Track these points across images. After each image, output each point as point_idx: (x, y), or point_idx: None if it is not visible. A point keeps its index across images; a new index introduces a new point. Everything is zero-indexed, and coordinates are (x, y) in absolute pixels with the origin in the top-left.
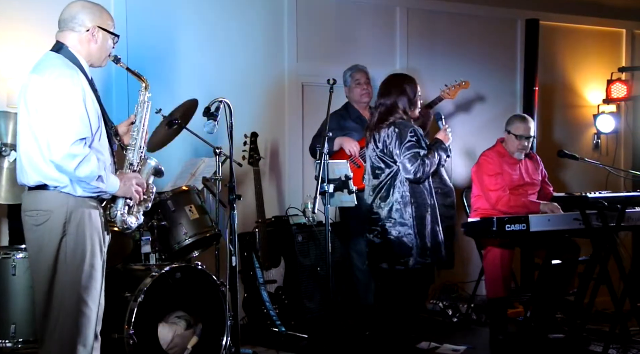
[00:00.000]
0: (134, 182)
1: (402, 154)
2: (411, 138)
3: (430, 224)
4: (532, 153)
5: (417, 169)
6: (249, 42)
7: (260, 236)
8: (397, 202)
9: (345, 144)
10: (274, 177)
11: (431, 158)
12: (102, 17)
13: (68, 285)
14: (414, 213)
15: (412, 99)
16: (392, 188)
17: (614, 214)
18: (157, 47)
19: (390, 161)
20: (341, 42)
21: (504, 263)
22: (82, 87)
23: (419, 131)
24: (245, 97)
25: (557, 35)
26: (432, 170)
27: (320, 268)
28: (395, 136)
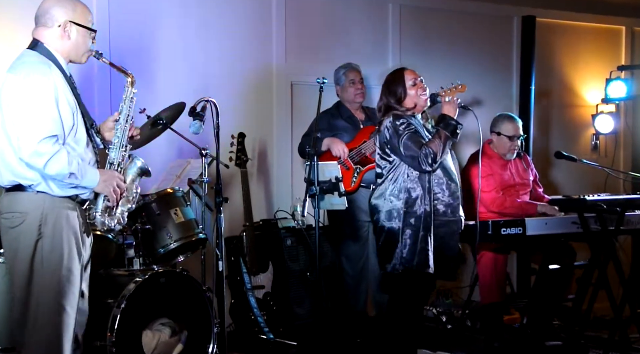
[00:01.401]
0: (115, 182)
1: (401, 151)
2: (406, 131)
3: (421, 231)
4: (521, 153)
5: (420, 161)
6: (236, 40)
7: (248, 240)
8: (389, 203)
9: (334, 145)
10: (262, 179)
11: (435, 144)
12: (76, 11)
13: (45, 290)
14: (402, 216)
15: (401, 90)
16: (386, 189)
17: (613, 218)
18: (140, 44)
19: (389, 160)
20: (331, 40)
21: (498, 268)
22: (55, 84)
23: (414, 121)
24: (232, 96)
25: (554, 32)
26: (442, 154)
27: (309, 273)
28: (389, 134)
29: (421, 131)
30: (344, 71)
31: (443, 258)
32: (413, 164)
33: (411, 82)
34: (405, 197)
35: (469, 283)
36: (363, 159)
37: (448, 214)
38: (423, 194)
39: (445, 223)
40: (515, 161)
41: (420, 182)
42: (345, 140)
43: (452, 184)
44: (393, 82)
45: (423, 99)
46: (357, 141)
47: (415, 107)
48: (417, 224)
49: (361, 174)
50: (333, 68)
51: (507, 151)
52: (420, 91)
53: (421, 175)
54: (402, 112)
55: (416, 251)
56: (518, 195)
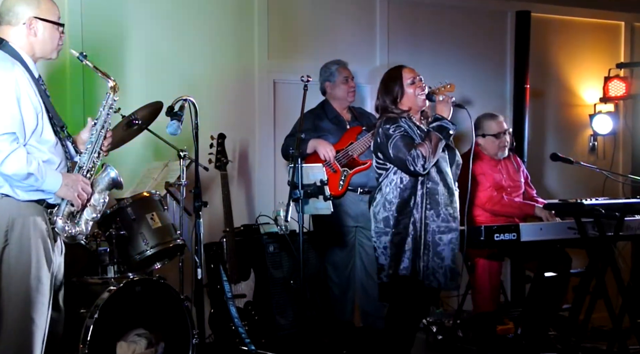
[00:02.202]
0: (79, 186)
1: (390, 154)
2: (395, 133)
3: (413, 238)
4: (511, 154)
5: (409, 164)
6: (216, 36)
7: (228, 247)
8: (383, 209)
9: (320, 147)
10: (243, 182)
11: (425, 147)
12: (41, 7)
13: (12, 301)
14: (394, 223)
15: (398, 89)
16: (382, 196)
17: (611, 223)
18: (116, 41)
19: (384, 167)
20: (316, 37)
21: (491, 275)
22: (17, 82)
23: (405, 123)
24: (212, 95)
25: (550, 28)
26: (434, 157)
27: (293, 281)
28: (381, 138)
29: (413, 133)
30: (337, 67)
31: (440, 265)
32: (402, 167)
33: (410, 81)
34: (398, 203)
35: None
36: (350, 161)
37: (443, 221)
38: (415, 201)
39: (440, 230)
40: (505, 162)
41: (413, 188)
42: (331, 141)
43: (447, 189)
44: (390, 81)
45: (421, 100)
46: (343, 142)
47: (412, 109)
48: (409, 231)
49: (349, 177)
50: (318, 66)
51: (497, 150)
52: (419, 90)
53: (414, 180)
54: (397, 114)
55: (403, 257)
56: (510, 197)
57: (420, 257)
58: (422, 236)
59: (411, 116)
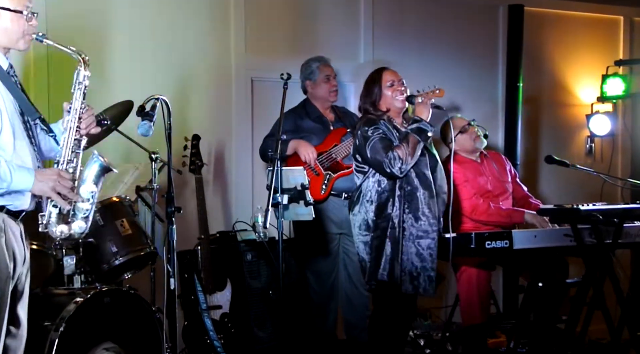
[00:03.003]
0: (55, 179)
1: (368, 156)
2: (374, 135)
3: (391, 242)
4: (494, 152)
5: (386, 166)
6: (190, 31)
7: (203, 255)
8: (362, 213)
9: (301, 148)
10: (219, 186)
11: (402, 149)
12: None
13: None
14: (373, 227)
15: (377, 91)
16: (359, 197)
17: (610, 229)
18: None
19: (363, 171)
20: (297, 32)
21: (480, 285)
22: None
23: (384, 125)
24: (186, 94)
25: (544, 23)
26: (411, 159)
27: (272, 292)
28: (359, 141)
29: (392, 136)
30: (318, 65)
31: (419, 270)
32: (379, 170)
33: (389, 83)
34: (376, 207)
35: (449, 302)
36: (334, 164)
37: (422, 225)
38: (393, 204)
39: (419, 235)
40: (488, 161)
41: (391, 191)
42: (313, 143)
43: (427, 193)
44: (371, 82)
45: (399, 101)
46: (327, 144)
47: (391, 111)
48: (387, 234)
49: (332, 181)
50: (298, 62)
51: (472, 144)
52: (398, 93)
53: (392, 184)
54: (377, 116)
55: (382, 261)
56: (497, 202)
57: (398, 262)
58: (400, 240)
59: (391, 118)
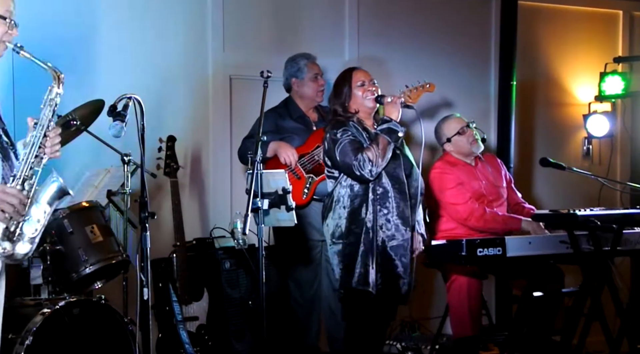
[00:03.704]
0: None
1: (337, 160)
2: (342, 138)
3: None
4: (488, 155)
5: (355, 169)
6: (165, 27)
7: (179, 263)
8: (336, 219)
9: (281, 150)
10: (195, 190)
11: (372, 151)
12: None
13: None
14: (345, 233)
15: (346, 92)
16: (333, 203)
17: (608, 236)
18: (53, 34)
19: (334, 176)
20: (277, 27)
21: (472, 295)
22: None
23: (353, 128)
24: (160, 93)
25: (539, 18)
26: (382, 161)
27: (251, 302)
28: (328, 144)
29: (362, 138)
30: (306, 62)
31: (392, 278)
32: (350, 174)
33: (359, 83)
34: (349, 212)
35: (439, 313)
36: (316, 167)
37: (395, 230)
38: (366, 207)
39: (392, 240)
40: (483, 165)
41: (364, 195)
42: (295, 144)
43: (399, 196)
44: (340, 82)
45: (369, 101)
46: (309, 146)
47: (360, 112)
48: (361, 240)
49: (314, 184)
50: (279, 60)
51: (469, 147)
52: (368, 93)
53: (365, 188)
54: (346, 117)
55: (355, 268)
56: (492, 207)
57: (372, 268)
58: (374, 246)
59: (361, 120)
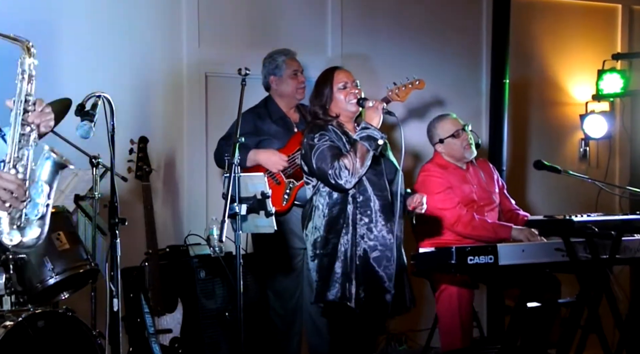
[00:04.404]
0: None
1: (314, 166)
2: (320, 143)
3: (342, 257)
4: (481, 159)
5: (331, 177)
6: (136, 22)
7: (151, 272)
8: (314, 229)
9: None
10: (169, 195)
11: (349, 159)
12: None
13: None
14: (323, 244)
15: (327, 94)
16: (312, 213)
17: (606, 243)
18: (9, 28)
19: (312, 183)
20: (255, 22)
21: (462, 306)
22: None
23: (332, 132)
24: (131, 91)
25: (533, 12)
26: (360, 169)
27: (228, 313)
28: (305, 149)
29: (341, 143)
30: (284, 59)
31: (376, 290)
32: (325, 181)
33: (341, 85)
34: (326, 222)
35: (427, 325)
36: (297, 171)
37: (378, 240)
38: (345, 218)
39: (375, 250)
40: (475, 170)
41: (343, 203)
42: (275, 147)
43: (381, 203)
44: (321, 83)
45: (352, 105)
46: (289, 149)
47: (341, 116)
48: (338, 252)
49: (295, 189)
50: (257, 56)
51: (462, 151)
52: (351, 97)
53: (344, 195)
54: (325, 121)
55: (332, 281)
56: (483, 213)
57: (352, 281)
58: (354, 257)
59: (342, 124)
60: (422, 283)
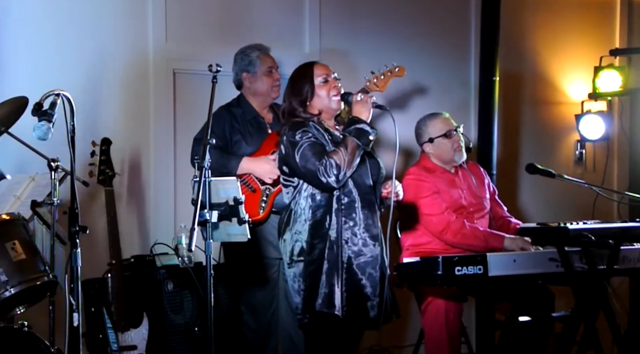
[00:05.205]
0: None
1: (298, 166)
2: (303, 140)
3: (326, 264)
4: (471, 163)
5: (320, 175)
6: (99, 15)
7: (114, 284)
8: (295, 234)
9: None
10: (134, 200)
11: (339, 155)
12: None
13: None
14: (306, 249)
15: (307, 90)
16: (290, 216)
17: (604, 253)
18: None
19: (292, 184)
20: (227, 15)
21: (449, 320)
22: None
23: (314, 129)
24: (94, 89)
25: (525, 4)
26: (350, 166)
27: (198, 328)
28: (285, 148)
29: (324, 140)
30: (258, 54)
31: (359, 299)
32: (313, 181)
33: (321, 79)
34: (311, 226)
35: (412, 340)
36: None
37: (363, 245)
38: (330, 219)
39: (360, 256)
40: (464, 174)
41: (327, 205)
42: (248, 151)
43: (366, 206)
44: (299, 79)
45: (335, 102)
46: (263, 152)
47: (322, 114)
48: (321, 255)
49: (272, 196)
50: (229, 52)
51: (452, 153)
52: (334, 91)
53: (328, 197)
54: (305, 118)
55: (318, 288)
56: (472, 220)
57: (338, 288)
58: (339, 263)
59: (322, 121)
60: (407, 295)
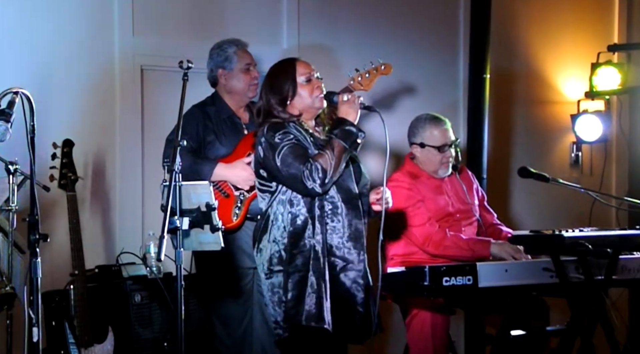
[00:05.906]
0: None
1: (279, 169)
2: (283, 142)
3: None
4: (459, 166)
5: (305, 179)
6: (60, 8)
7: (77, 296)
8: (273, 243)
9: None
10: (98, 206)
11: (325, 158)
12: None
13: None
14: (286, 259)
15: (288, 88)
16: (268, 226)
17: (602, 263)
18: None
19: (269, 189)
20: (199, 7)
21: (436, 334)
22: None
23: (295, 130)
24: (55, 87)
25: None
26: (336, 170)
27: (167, 343)
28: (264, 150)
29: (306, 142)
30: (235, 50)
31: (345, 311)
32: (295, 186)
33: (304, 78)
34: (290, 234)
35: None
36: None
37: (347, 253)
38: (312, 227)
39: (342, 265)
40: (451, 178)
41: (309, 211)
42: (222, 152)
43: (351, 213)
44: (279, 76)
45: (319, 101)
46: (239, 153)
47: (302, 114)
48: (306, 265)
49: (247, 202)
50: (201, 47)
51: (437, 166)
52: (317, 91)
53: (309, 203)
54: (284, 119)
55: (304, 301)
56: (460, 228)
57: (326, 301)
58: (325, 274)
59: (302, 122)
60: (391, 307)
